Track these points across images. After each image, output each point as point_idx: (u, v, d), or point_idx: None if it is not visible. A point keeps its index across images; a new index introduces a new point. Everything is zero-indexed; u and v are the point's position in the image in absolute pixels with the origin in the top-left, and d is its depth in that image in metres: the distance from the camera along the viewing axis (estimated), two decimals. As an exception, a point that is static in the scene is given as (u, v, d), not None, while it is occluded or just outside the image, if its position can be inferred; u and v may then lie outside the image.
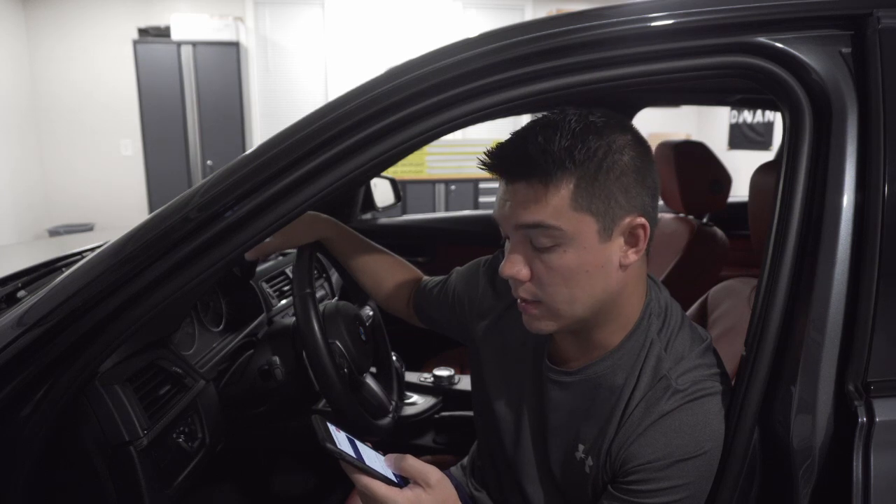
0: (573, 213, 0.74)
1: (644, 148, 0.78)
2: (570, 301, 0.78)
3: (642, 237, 0.77)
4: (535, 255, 0.77)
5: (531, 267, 0.78)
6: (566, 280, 0.76)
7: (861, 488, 0.69)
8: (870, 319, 0.72)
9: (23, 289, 1.16)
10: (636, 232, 0.77)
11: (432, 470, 0.74)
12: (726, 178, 1.91)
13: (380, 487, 0.71)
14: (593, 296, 0.78)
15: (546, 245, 0.75)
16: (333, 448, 0.70)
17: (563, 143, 0.73)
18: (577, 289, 0.77)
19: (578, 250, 0.75)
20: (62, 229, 5.47)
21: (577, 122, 0.74)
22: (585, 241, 0.75)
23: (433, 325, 1.17)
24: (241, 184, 0.80)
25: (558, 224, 0.74)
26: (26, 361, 0.82)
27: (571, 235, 0.74)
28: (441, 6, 6.23)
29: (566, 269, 0.76)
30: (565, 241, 0.75)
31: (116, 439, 0.92)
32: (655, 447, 0.77)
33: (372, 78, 0.81)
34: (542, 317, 0.80)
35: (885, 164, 0.71)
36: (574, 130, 0.73)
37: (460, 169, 5.56)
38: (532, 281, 0.78)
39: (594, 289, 0.77)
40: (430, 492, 0.72)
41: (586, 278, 0.76)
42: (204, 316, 1.39)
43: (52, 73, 5.72)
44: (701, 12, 0.75)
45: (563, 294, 0.77)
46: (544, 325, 0.81)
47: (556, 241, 0.75)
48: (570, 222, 0.74)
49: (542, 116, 0.78)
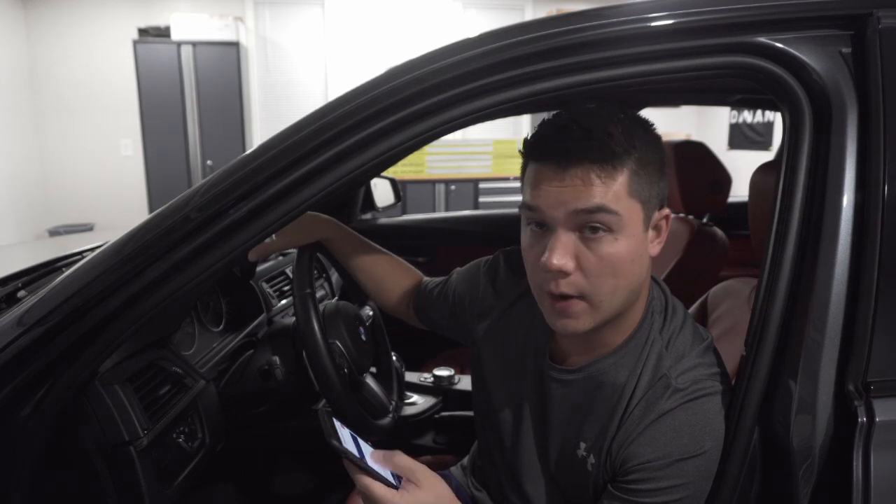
0: (629, 199, 0.75)
1: (664, 147, 0.82)
2: (614, 292, 0.77)
3: (664, 228, 0.81)
4: (584, 245, 0.75)
5: (577, 258, 0.76)
6: (615, 269, 0.76)
7: (861, 488, 0.69)
8: (870, 319, 0.72)
9: (23, 289, 1.16)
10: (660, 223, 0.81)
11: (419, 467, 0.75)
12: (726, 178, 1.91)
13: (379, 489, 0.72)
14: (630, 286, 0.78)
15: (602, 231, 0.74)
16: (339, 446, 0.71)
17: (621, 128, 0.75)
18: (622, 278, 0.77)
19: (628, 238, 0.76)
20: (62, 229, 5.47)
21: (622, 112, 0.77)
22: (634, 228, 0.76)
23: (433, 325, 1.17)
24: (241, 184, 0.80)
25: (618, 209, 0.74)
26: (26, 361, 0.82)
27: (626, 222, 0.75)
28: (441, 6, 6.23)
29: (617, 258, 0.75)
30: (619, 228, 0.75)
31: (116, 439, 0.92)
32: (655, 446, 0.77)
33: (372, 78, 0.81)
34: (582, 313, 0.78)
35: (885, 163, 0.71)
36: (623, 120, 0.76)
37: (460, 169, 5.57)
38: (578, 273, 0.76)
39: (633, 278, 0.78)
40: (429, 492, 0.73)
41: (630, 267, 0.77)
42: (204, 316, 1.39)
43: (52, 73, 5.71)
44: (701, 12, 0.75)
45: (610, 284, 0.76)
46: (581, 323, 0.78)
47: (610, 228, 0.75)
48: (626, 208, 0.75)
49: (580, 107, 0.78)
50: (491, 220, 2.57)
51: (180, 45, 5.31)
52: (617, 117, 0.76)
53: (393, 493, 0.72)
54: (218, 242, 0.82)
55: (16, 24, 5.52)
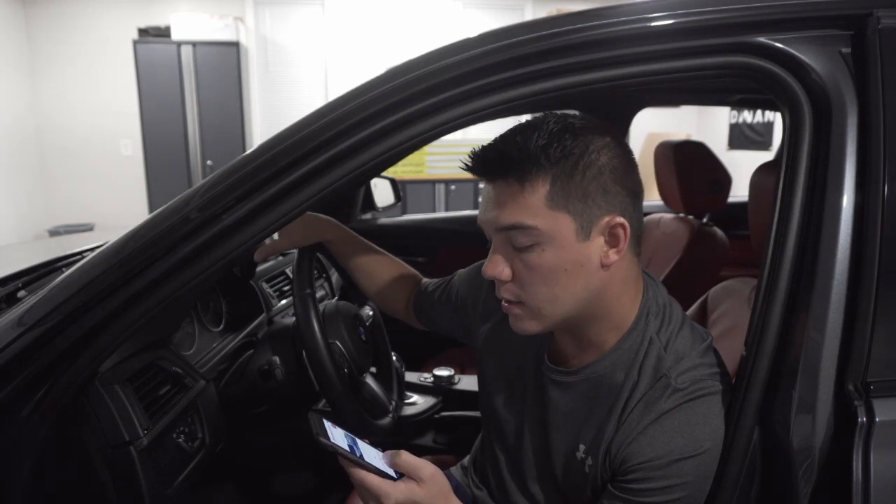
0: (549, 211, 0.75)
1: (624, 150, 0.79)
2: (551, 300, 0.78)
3: (622, 237, 0.78)
4: (516, 255, 0.78)
5: (512, 267, 0.79)
6: (546, 279, 0.77)
7: (861, 488, 0.69)
8: (870, 319, 0.72)
9: (23, 289, 1.16)
10: (616, 232, 0.78)
11: (425, 465, 0.75)
12: (726, 178, 1.91)
13: (374, 480, 0.73)
14: (575, 295, 0.78)
15: (525, 244, 0.77)
16: (326, 442, 0.71)
17: (540, 142, 0.74)
18: (556, 287, 0.78)
19: (556, 249, 0.76)
20: (62, 229, 5.47)
21: (556, 123, 0.76)
22: (563, 239, 0.76)
23: (433, 326, 1.18)
24: (240, 184, 0.80)
25: (535, 223, 0.75)
26: (26, 361, 0.82)
27: (549, 234, 0.75)
28: (441, 6, 6.22)
29: (545, 268, 0.77)
30: (543, 241, 0.76)
31: (116, 439, 0.92)
32: (655, 446, 0.77)
33: (372, 78, 0.81)
34: (524, 317, 0.81)
35: (884, 163, 0.71)
36: (551, 130, 0.75)
37: (460, 169, 5.56)
38: (513, 281, 0.80)
39: (575, 287, 0.78)
40: (423, 486, 0.74)
41: (566, 277, 0.77)
42: (204, 316, 1.39)
43: (52, 73, 5.71)
44: (701, 12, 0.75)
45: (544, 293, 0.78)
46: (528, 326, 0.82)
47: (534, 241, 0.76)
48: (547, 221, 0.75)
49: (525, 120, 0.79)
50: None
51: (180, 45, 5.31)
52: (544, 129, 0.75)
53: (388, 483, 0.73)
54: (218, 242, 0.82)
55: (16, 24, 5.52)
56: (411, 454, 0.76)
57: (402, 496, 0.73)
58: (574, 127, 0.76)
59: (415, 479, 0.74)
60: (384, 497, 0.72)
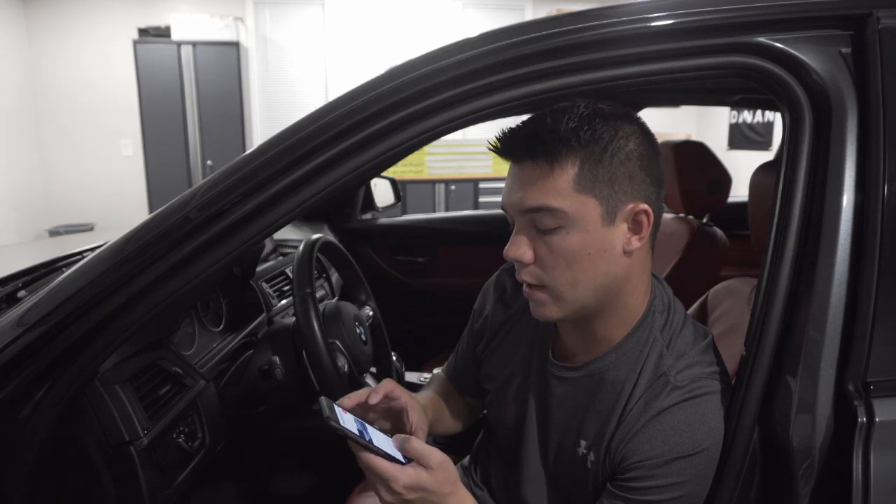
0: (576, 194, 0.75)
1: (650, 139, 0.81)
2: (573, 284, 0.78)
3: (646, 224, 0.79)
4: (539, 238, 0.78)
5: (535, 250, 0.79)
6: (569, 262, 0.77)
7: (861, 488, 0.69)
8: (870, 319, 0.72)
9: (23, 289, 1.16)
10: (639, 218, 0.79)
11: (435, 452, 0.75)
12: (726, 178, 1.91)
13: (382, 463, 0.73)
14: (596, 279, 0.78)
15: (550, 227, 0.76)
16: (336, 425, 0.72)
17: (570, 124, 0.75)
18: (579, 272, 0.77)
19: (581, 233, 0.76)
20: (62, 229, 5.47)
21: (586, 107, 0.77)
22: (588, 223, 0.76)
23: (481, 382, 1.06)
24: (241, 184, 0.80)
25: (561, 206, 0.75)
26: (26, 361, 0.82)
27: (575, 218, 0.76)
28: (441, 6, 6.22)
29: (569, 252, 0.77)
30: (568, 224, 0.76)
31: (116, 439, 0.92)
32: (653, 444, 0.77)
33: (372, 78, 0.81)
34: (546, 301, 0.81)
35: (884, 163, 0.71)
36: (582, 114, 0.76)
37: (460, 169, 5.56)
38: (536, 264, 0.79)
39: (597, 272, 0.78)
40: (432, 472, 0.74)
41: (589, 261, 0.77)
42: (204, 316, 1.39)
43: (52, 73, 5.71)
44: (701, 12, 0.75)
45: (567, 277, 0.78)
46: (549, 311, 0.81)
47: (559, 223, 0.76)
48: (574, 204, 0.75)
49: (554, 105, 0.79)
50: (491, 220, 2.57)
51: (180, 45, 5.31)
52: (575, 112, 0.76)
53: (396, 468, 0.73)
54: (218, 242, 0.82)
55: (16, 24, 5.52)
56: (421, 441, 0.76)
57: (411, 481, 0.73)
58: (604, 112, 0.77)
59: (424, 465, 0.74)
60: (392, 481, 0.72)
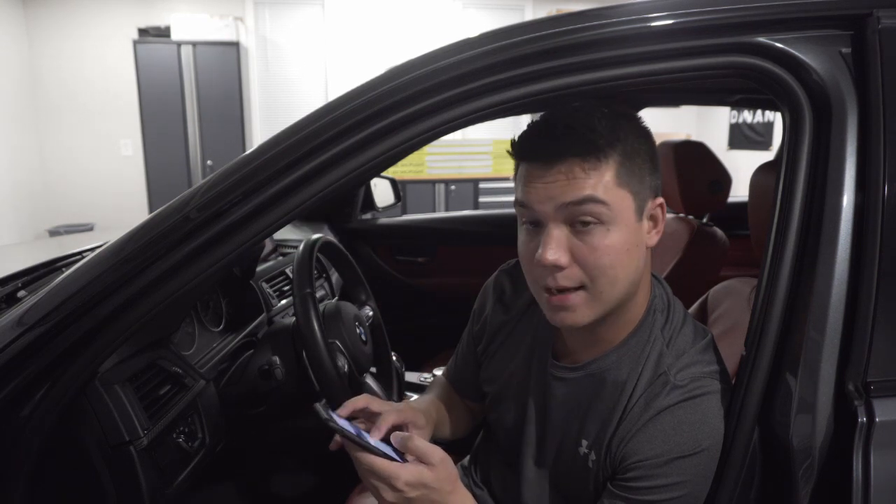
0: (618, 189, 0.76)
1: (652, 138, 0.83)
2: (613, 282, 0.78)
3: (661, 218, 0.82)
4: (577, 238, 0.76)
5: (572, 252, 0.77)
6: (611, 260, 0.76)
7: (861, 488, 0.69)
8: (870, 319, 0.72)
9: (23, 289, 1.16)
10: (656, 213, 0.81)
11: (435, 450, 0.75)
12: (726, 178, 1.90)
13: (383, 462, 0.72)
14: (628, 276, 0.79)
15: (591, 222, 0.75)
16: (335, 426, 0.72)
17: (604, 122, 0.76)
18: (620, 268, 0.77)
19: (621, 228, 0.77)
20: (62, 229, 5.47)
21: (605, 108, 0.78)
22: (626, 218, 0.77)
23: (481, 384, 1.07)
24: (241, 184, 0.80)
25: (606, 198, 0.75)
26: (26, 361, 0.82)
27: (616, 212, 0.76)
28: (441, 6, 6.22)
29: (611, 248, 0.76)
30: (609, 219, 0.76)
31: (116, 439, 0.92)
32: (653, 444, 0.77)
33: (372, 78, 0.81)
34: (581, 304, 0.78)
35: (885, 164, 0.71)
36: (607, 115, 0.77)
37: (460, 169, 5.56)
38: (573, 267, 0.77)
39: (631, 268, 0.79)
40: (433, 470, 0.74)
41: (627, 257, 0.77)
42: (204, 316, 1.39)
43: (52, 73, 5.71)
44: (701, 12, 0.75)
45: (609, 275, 0.77)
46: (580, 316, 0.79)
47: (600, 219, 0.75)
48: (616, 198, 0.76)
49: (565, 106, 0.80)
50: (491, 220, 2.57)
51: (180, 45, 5.32)
52: (600, 112, 0.77)
53: (398, 465, 0.73)
54: (218, 242, 0.82)
55: (16, 24, 5.52)
56: (422, 438, 0.76)
57: (413, 477, 0.73)
58: (622, 113, 0.79)
59: (425, 462, 0.74)
60: (393, 479, 0.72)
